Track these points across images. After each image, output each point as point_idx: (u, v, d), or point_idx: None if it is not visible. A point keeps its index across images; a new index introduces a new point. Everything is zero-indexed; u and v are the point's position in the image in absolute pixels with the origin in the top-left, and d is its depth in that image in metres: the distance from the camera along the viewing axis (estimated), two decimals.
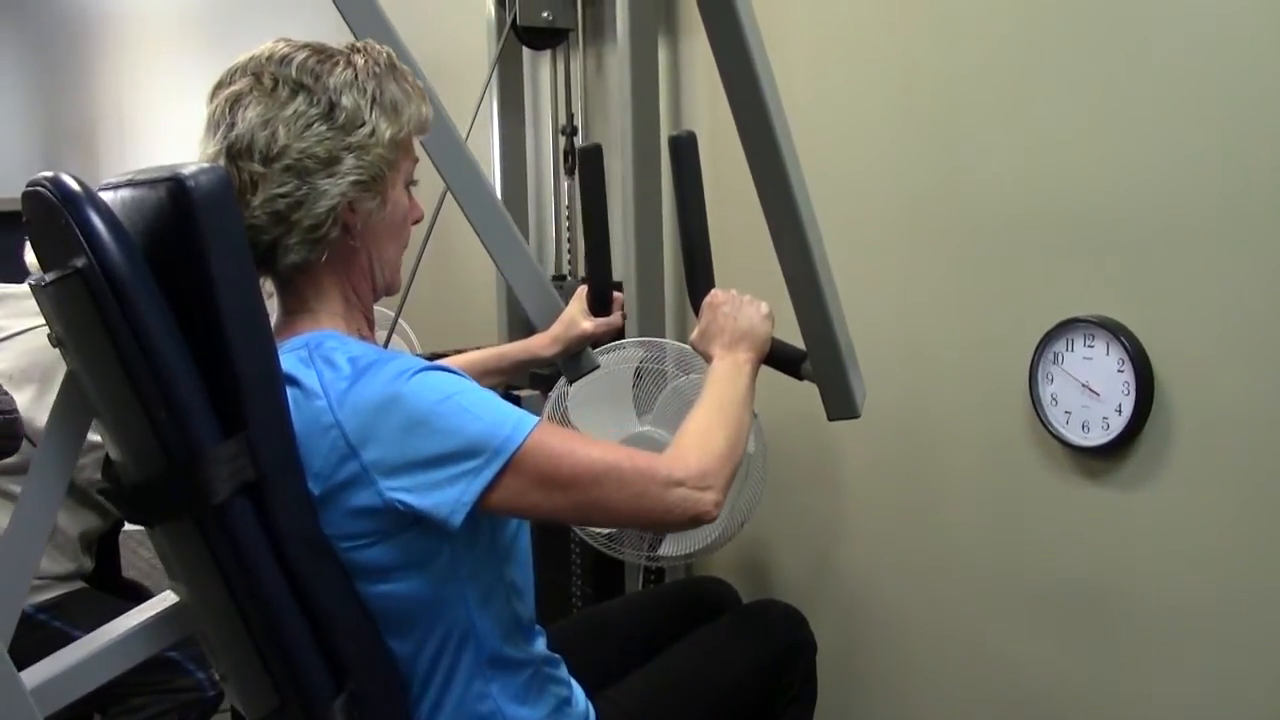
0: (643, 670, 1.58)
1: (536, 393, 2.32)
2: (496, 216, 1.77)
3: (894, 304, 1.94)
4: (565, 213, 2.59)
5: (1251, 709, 1.51)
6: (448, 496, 1.17)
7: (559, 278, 2.62)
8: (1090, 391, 1.63)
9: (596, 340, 1.78)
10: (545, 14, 2.45)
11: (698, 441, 1.29)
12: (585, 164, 1.91)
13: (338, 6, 1.64)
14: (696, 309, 1.57)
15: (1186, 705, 1.58)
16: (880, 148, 1.94)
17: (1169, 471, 1.58)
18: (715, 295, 1.54)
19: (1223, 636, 1.54)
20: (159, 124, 5.22)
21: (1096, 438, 1.63)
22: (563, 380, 2.03)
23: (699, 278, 1.60)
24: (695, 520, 1.24)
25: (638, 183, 2.27)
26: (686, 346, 1.97)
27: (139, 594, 2.56)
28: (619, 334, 1.87)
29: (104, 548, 2.41)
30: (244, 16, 4.22)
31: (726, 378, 1.42)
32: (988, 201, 1.77)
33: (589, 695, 1.43)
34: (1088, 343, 1.63)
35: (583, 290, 1.86)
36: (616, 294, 1.85)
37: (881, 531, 2.02)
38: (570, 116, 2.57)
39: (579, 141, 2.54)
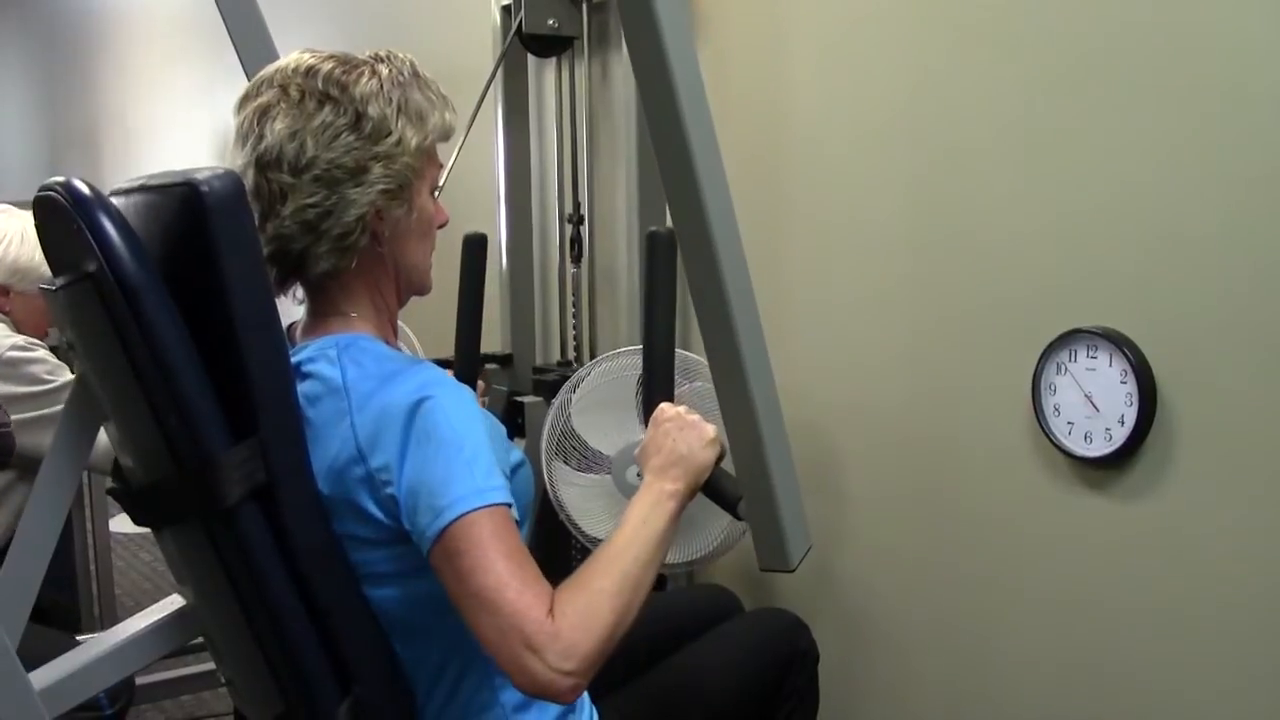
0: (645, 677, 1.58)
1: (540, 399, 2.33)
2: None
3: (897, 312, 1.94)
4: (571, 299, 2.58)
5: (1254, 717, 1.52)
6: (418, 524, 1.17)
7: (564, 363, 2.60)
8: (1093, 402, 1.63)
9: None
10: (551, 21, 2.45)
11: (582, 608, 1.17)
12: (468, 252, 1.92)
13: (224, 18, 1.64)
14: (646, 421, 1.47)
15: (1189, 713, 1.59)
16: (884, 156, 1.94)
17: (1171, 483, 1.58)
18: (663, 410, 1.44)
19: (1224, 646, 1.54)
20: (162, 128, 5.23)
21: (1099, 449, 1.63)
22: (566, 387, 2.03)
23: (655, 388, 1.50)
24: (540, 694, 1.15)
25: (641, 186, 2.29)
26: (690, 355, 1.97)
27: (50, 617, 2.49)
28: None
29: None
30: None
31: (643, 516, 1.31)
32: (991, 210, 1.78)
33: (592, 702, 1.43)
34: (1090, 354, 1.63)
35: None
36: (480, 382, 1.90)
37: (883, 540, 2.02)
38: (577, 205, 2.54)
39: (584, 231, 2.53)
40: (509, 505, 1.18)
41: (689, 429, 1.40)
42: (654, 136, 1.19)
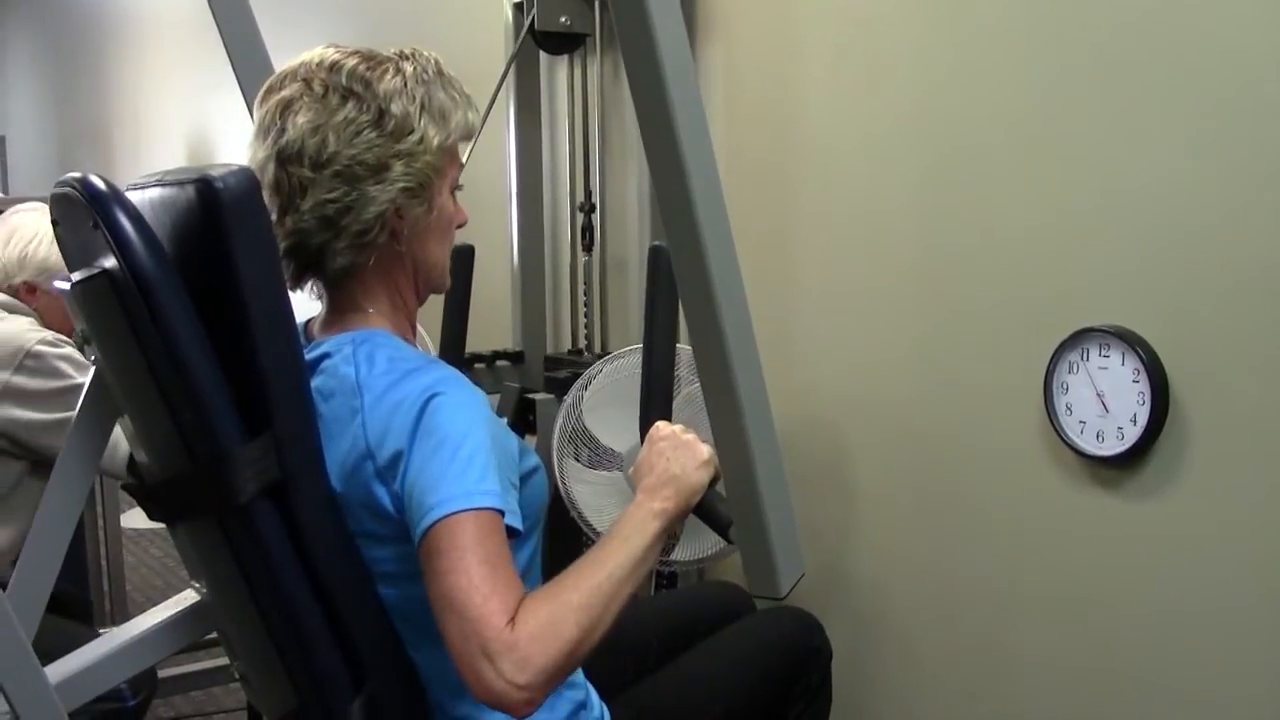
0: (657, 675, 1.58)
1: (551, 397, 2.33)
2: None
3: (908, 311, 1.94)
4: (583, 289, 2.57)
5: (1258, 714, 1.52)
6: (412, 521, 1.17)
7: (575, 352, 2.59)
8: (1105, 401, 1.63)
9: None
10: (563, 19, 2.45)
11: (545, 620, 1.13)
12: (456, 263, 1.94)
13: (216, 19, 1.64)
14: (643, 437, 1.44)
15: (1197, 713, 1.58)
16: (895, 155, 1.94)
17: (1182, 482, 1.58)
18: (659, 428, 1.40)
19: (1231, 645, 1.54)
20: (173, 125, 5.25)
21: (1111, 447, 1.63)
22: (578, 384, 2.03)
23: (653, 406, 1.48)
24: (494, 704, 1.12)
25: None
26: None
27: (65, 609, 2.49)
28: None
29: None
30: (258, 18, 4.23)
31: (626, 533, 1.27)
32: (1003, 208, 1.77)
33: (605, 700, 1.43)
34: (1103, 353, 1.63)
35: None
36: None
37: (894, 538, 2.02)
38: (589, 194, 2.54)
39: (596, 219, 2.53)
40: (499, 510, 1.16)
41: (683, 449, 1.36)
42: (650, 158, 1.16)
